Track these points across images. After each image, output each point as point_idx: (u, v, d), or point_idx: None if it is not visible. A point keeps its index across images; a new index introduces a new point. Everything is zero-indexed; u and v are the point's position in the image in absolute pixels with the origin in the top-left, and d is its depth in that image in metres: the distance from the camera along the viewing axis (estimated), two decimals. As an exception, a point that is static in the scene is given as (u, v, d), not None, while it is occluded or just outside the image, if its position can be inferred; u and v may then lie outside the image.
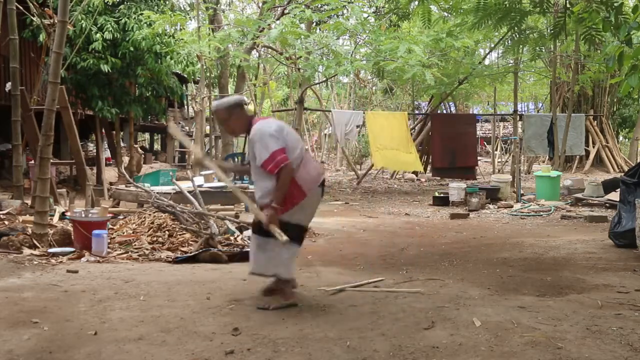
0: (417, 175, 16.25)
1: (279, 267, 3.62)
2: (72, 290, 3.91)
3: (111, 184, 12.23)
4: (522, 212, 9.13)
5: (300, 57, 12.29)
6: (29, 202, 6.95)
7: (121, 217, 6.73)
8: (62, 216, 6.60)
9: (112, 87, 12.36)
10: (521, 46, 7.06)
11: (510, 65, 13.47)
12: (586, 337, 2.93)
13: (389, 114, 15.26)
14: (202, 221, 5.97)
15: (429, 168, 15.47)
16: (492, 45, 14.31)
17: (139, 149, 17.46)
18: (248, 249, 5.55)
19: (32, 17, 10.24)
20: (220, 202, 7.91)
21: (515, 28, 5.98)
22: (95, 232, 5.22)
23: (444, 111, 19.50)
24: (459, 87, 14.80)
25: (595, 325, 3.13)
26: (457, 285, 4.27)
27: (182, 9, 14.36)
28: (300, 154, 3.61)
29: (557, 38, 6.05)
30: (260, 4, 14.29)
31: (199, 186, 7.19)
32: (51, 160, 5.79)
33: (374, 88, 23.80)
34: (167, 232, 5.76)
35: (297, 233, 3.66)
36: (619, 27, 4.65)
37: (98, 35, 11.27)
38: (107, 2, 11.21)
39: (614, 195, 8.57)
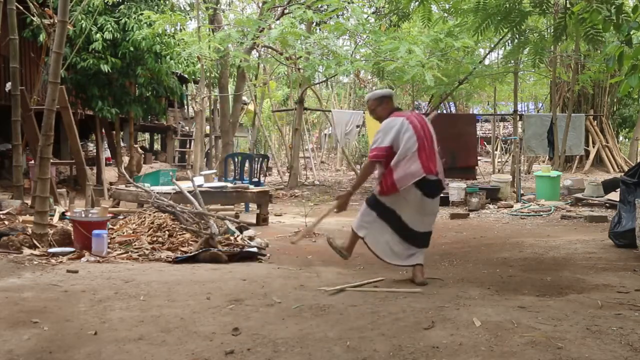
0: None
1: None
2: (72, 290, 3.91)
3: (111, 184, 12.24)
4: (522, 212, 9.13)
5: (300, 57, 12.28)
6: (29, 202, 6.95)
7: (121, 217, 6.73)
8: (62, 216, 6.59)
9: (112, 87, 12.36)
10: (522, 48, 7.05)
11: (510, 65, 13.45)
12: (586, 337, 2.93)
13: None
14: (202, 221, 5.97)
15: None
16: (492, 45, 14.30)
17: (139, 149, 17.45)
18: (248, 249, 5.58)
19: (32, 17, 10.24)
20: (220, 202, 7.91)
21: (516, 29, 5.96)
22: (95, 232, 5.22)
23: (444, 111, 19.50)
24: (459, 87, 14.79)
25: (595, 325, 3.12)
26: (457, 285, 4.27)
27: (182, 9, 14.36)
28: (406, 153, 4.14)
29: (559, 40, 6.03)
30: (260, 4, 14.28)
31: (199, 186, 7.19)
32: (51, 160, 5.78)
33: (374, 88, 23.79)
34: (167, 232, 5.75)
35: (397, 222, 4.31)
36: (620, 26, 4.64)
37: (98, 35, 11.27)
38: (107, 2, 11.21)
39: (614, 195, 8.57)
